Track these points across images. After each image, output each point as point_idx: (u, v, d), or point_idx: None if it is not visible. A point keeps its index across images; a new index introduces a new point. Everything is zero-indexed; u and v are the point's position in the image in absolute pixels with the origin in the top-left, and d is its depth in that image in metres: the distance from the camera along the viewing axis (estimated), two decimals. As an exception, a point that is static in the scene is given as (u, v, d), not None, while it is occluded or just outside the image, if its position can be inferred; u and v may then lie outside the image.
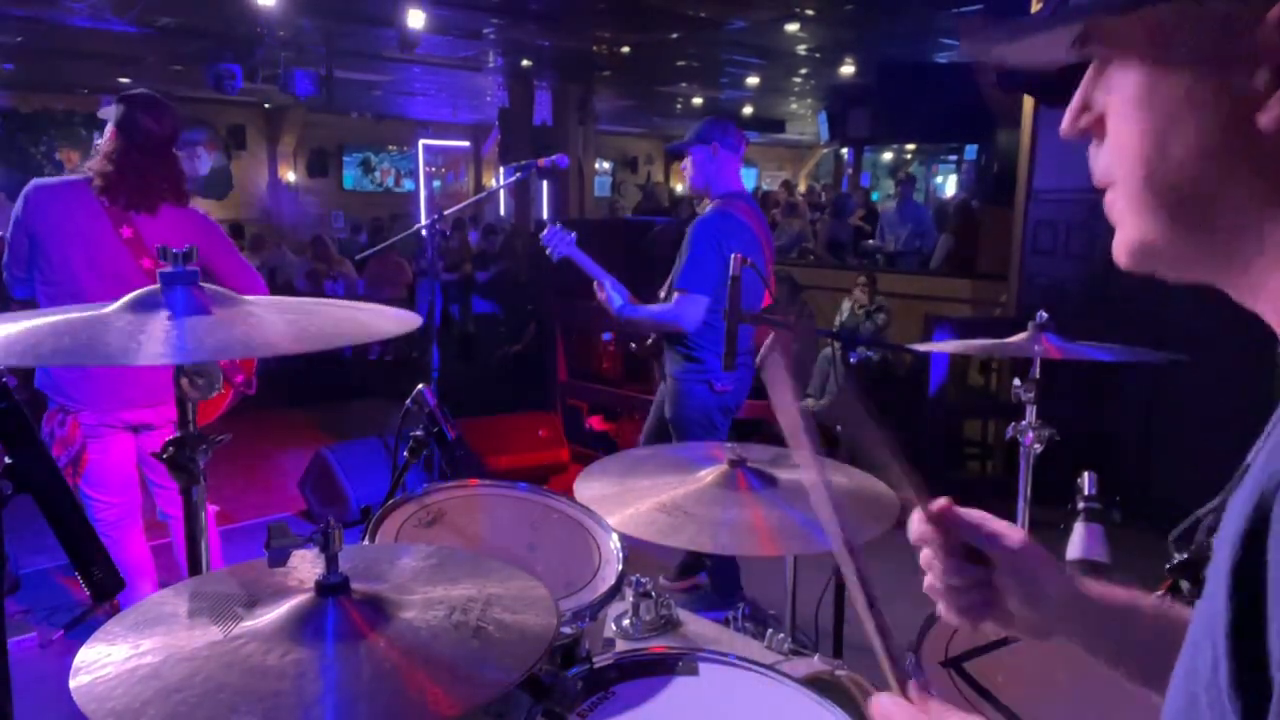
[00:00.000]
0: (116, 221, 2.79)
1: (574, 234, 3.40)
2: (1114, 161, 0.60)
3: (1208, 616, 0.53)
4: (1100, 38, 0.60)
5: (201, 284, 1.23)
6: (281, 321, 1.21)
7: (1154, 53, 0.56)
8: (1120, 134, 0.59)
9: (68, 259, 2.75)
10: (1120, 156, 0.60)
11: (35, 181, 2.83)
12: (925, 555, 0.90)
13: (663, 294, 3.44)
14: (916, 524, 0.90)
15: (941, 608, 0.91)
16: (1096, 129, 0.63)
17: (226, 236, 3.17)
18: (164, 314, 1.16)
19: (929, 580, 0.91)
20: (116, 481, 2.91)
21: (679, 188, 17.04)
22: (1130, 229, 0.61)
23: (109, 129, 2.86)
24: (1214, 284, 0.61)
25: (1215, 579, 0.52)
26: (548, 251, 3.42)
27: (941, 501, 0.90)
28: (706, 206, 3.47)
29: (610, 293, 3.39)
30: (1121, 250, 0.63)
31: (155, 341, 1.09)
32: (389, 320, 1.29)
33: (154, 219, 2.85)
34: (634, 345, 3.64)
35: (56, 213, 2.77)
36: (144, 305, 1.18)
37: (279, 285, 8.82)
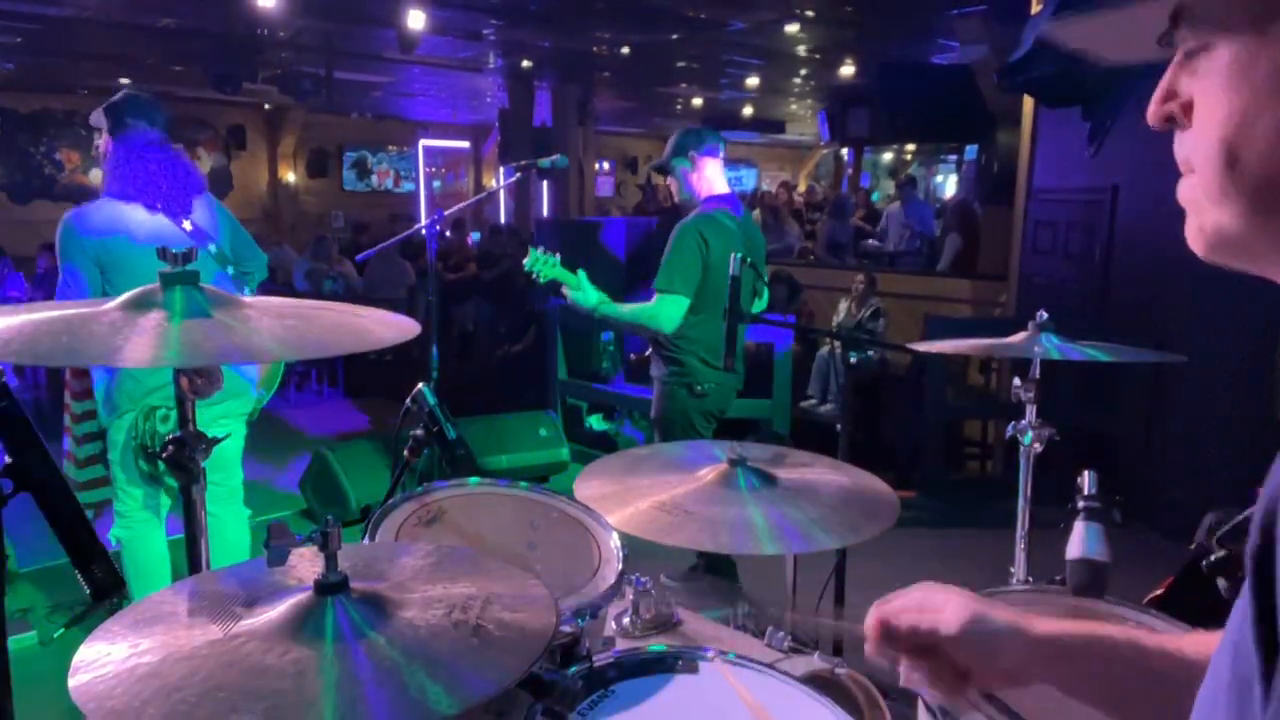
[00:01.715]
0: (175, 219, 2.83)
1: (556, 255, 3.36)
2: (1196, 146, 0.58)
3: (1236, 617, 0.52)
4: (1197, 15, 0.57)
5: (202, 285, 1.23)
6: (280, 327, 1.20)
7: (1252, 32, 0.54)
8: (1205, 118, 0.57)
9: (153, 268, 2.73)
10: (1203, 141, 0.57)
11: (72, 212, 2.79)
12: (886, 661, 0.93)
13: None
14: (869, 649, 0.93)
15: (927, 696, 0.93)
16: (1183, 116, 0.60)
17: (236, 219, 3.23)
18: (163, 315, 1.16)
19: (904, 679, 0.93)
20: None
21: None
22: (1207, 217, 0.59)
23: (104, 142, 2.84)
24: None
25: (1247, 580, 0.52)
26: (534, 276, 3.38)
27: (871, 619, 0.93)
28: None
29: (585, 291, 3.28)
30: (1197, 239, 0.60)
31: (154, 343, 1.09)
32: (388, 328, 1.28)
33: (197, 211, 2.92)
34: (633, 356, 3.65)
35: (120, 229, 2.74)
36: (143, 305, 1.18)
37: (279, 285, 8.82)
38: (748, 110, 14.31)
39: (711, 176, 3.43)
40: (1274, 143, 0.53)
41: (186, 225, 2.83)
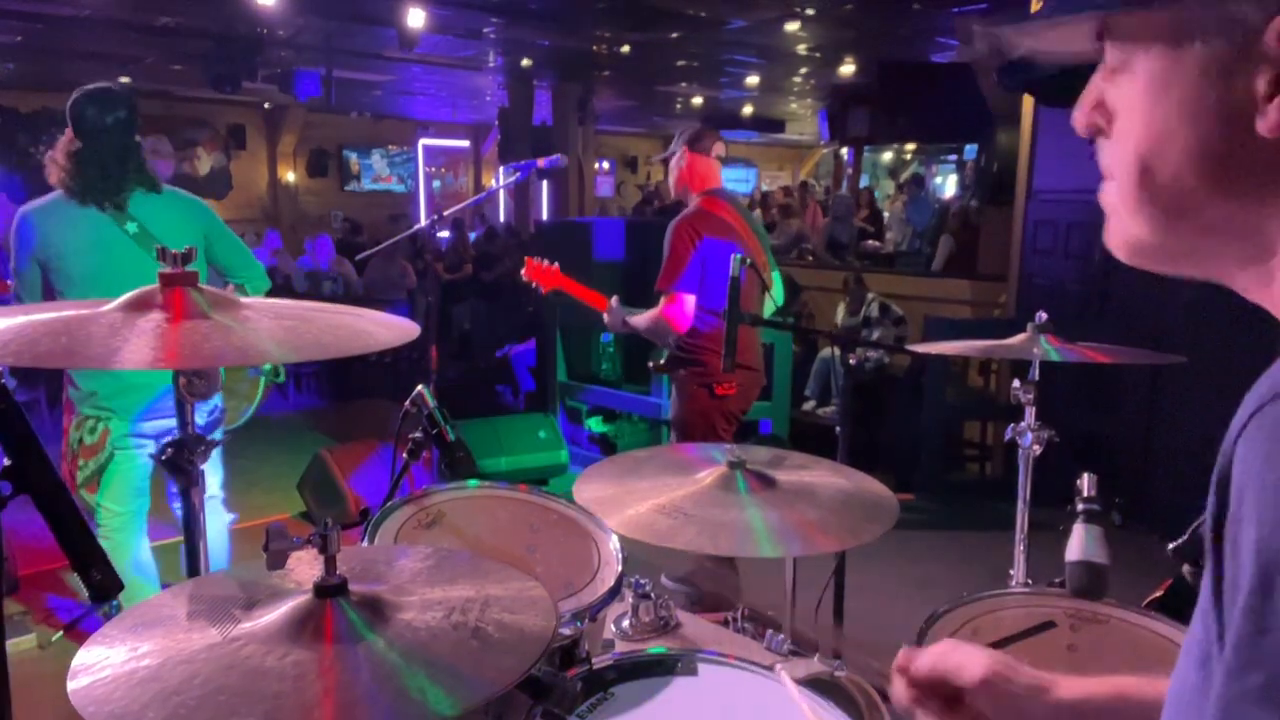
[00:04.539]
0: (119, 220, 2.78)
1: (555, 264, 3.42)
2: (1115, 156, 0.61)
3: (1204, 583, 0.54)
4: (1119, 33, 0.60)
5: (201, 286, 1.23)
6: (279, 329, 1.20)
7: (1168, 52, 0.56)
8: (1123, 131, 0.60)
9: (88, 271, 2.71)
10: (1120, 153, 0.60)
11: (24, 208, 2.78)
12: (918, 715, 0.94)
13: None
14: (896, 691, 0.94)
15: None
16: (1106, 126, 0.63)
17: (223, 223, 3.11)
18: (162, 316, 1.16)
19: None
20: (129, 491, 2.91)
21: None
22: (1124, 225, 0.62)
23: (67, 136, 2.81)
24: (1213, 279, 0.62)
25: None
26: (533, 286, 3.44)
27: (900, 658, 0.93)
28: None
29: (612, 312, 3.44)
30: (1118, 244, 0.64)
31: (153, 345, 1.09)
32: (387, 329, 1.28)
33: (154, 210, 2.84)
34: (651, 364, 3.67)
35: (60, 229, 2.73)
36: (142, 306, 1.18)
37: (278, 285, 8.81)
38: (748, 109, 14.30)
39: (705, 171, 3.45)
40: (1183, 161, 0.56)
41: (131, 227, 2.77)
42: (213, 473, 3.15)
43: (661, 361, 3.53)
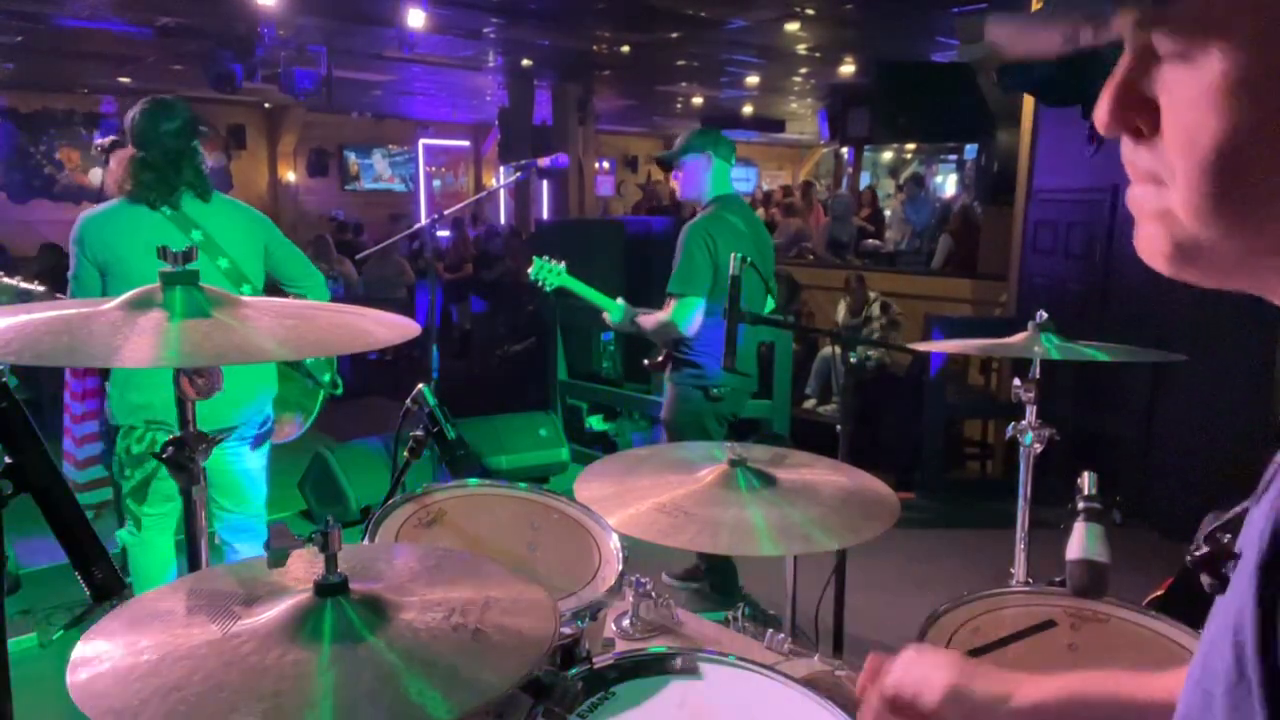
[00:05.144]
0: (184, 227, 2.77)
1: (563, 263, 3.41)
2: (1177, 160, 0.53)
3: (1229, 615, 0.52)
4: (1180, 21, 0.51)
5: (201, 285, 1.23)
6: (280, 327, 1.20)
7: (1260, 39, 0.48)
8: (1185, 128, 0.52)
9: (149, 277, 2.69)
10: (1189, 155, 0.52)
11: (83, 215, 2.78)
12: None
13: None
14: (868, 705, 0.99)
15: None
16: (1151, 125, 0.55)
17: (282, 234, 3.10)
18: (163, 315, 1.16)
19: None
20: (164, 497, 2.91)
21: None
22: (1177, 231, 0.54)
23: (127, 149, 2.81)
24: (1254, 291, 0.56)
25: (1241, 579, 0.52)
26: (539, 284, 3.43)
27: (862, 679, 0.98)
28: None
29: (614, 311, 3.43)
30: (1164, 252, 0.56)
31: (154, 343, 1.09)
32: (387, 328, 1.28)
33: (219, 220, 2.83)
34: (646, 362, 3.67)
35: (120, 235, 2.72)
36: (143, 305, 1.18)
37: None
38: (748, 109, 14.31)
39: (719, 177, 3.46)
40: (1272, 156, 0.49)
41: (196, 235, 2.76)
42: (256, 487, 3.13)
43: (658, 359, 3.54)
